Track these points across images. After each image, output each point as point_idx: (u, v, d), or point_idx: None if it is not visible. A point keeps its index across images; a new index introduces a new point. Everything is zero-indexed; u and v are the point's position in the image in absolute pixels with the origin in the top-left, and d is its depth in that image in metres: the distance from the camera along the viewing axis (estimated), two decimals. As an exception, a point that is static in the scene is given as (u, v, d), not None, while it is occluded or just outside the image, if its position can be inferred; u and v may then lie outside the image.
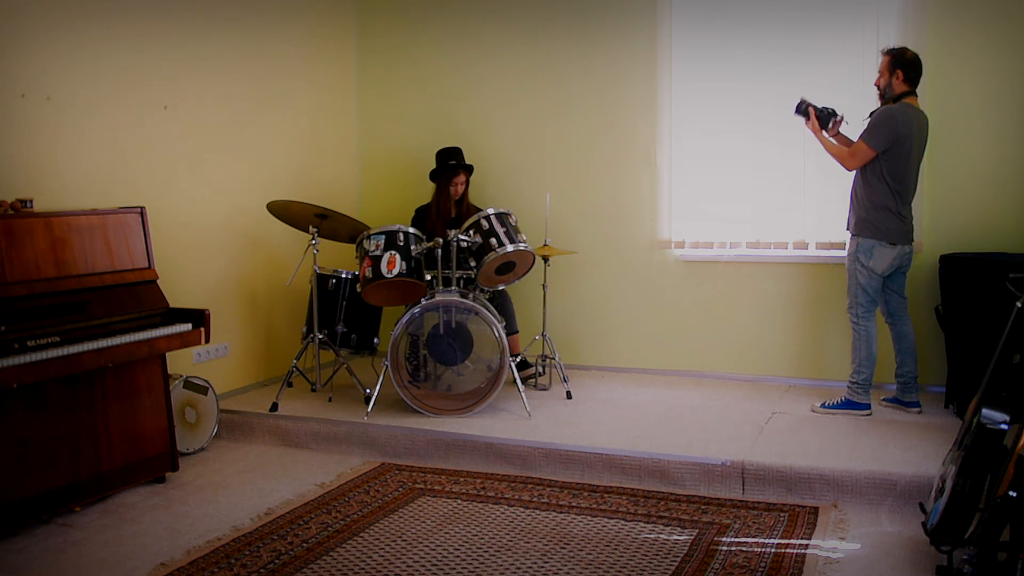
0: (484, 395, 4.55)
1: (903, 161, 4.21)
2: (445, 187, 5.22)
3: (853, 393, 4.44)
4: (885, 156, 4.20)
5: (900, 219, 4.27)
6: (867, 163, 4.23)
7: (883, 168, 4.22)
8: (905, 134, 4.17)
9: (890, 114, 4.19)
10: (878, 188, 4.25)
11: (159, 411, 4.03)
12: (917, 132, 4.24)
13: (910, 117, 4.20)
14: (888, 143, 4.17)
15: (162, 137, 4.56)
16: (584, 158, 5.55)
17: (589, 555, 3.23)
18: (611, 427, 4.37)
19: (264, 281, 5.29)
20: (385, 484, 4.01)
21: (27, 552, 3.30)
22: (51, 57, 3.97)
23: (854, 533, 3.39)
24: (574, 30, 5.52)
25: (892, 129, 4.16)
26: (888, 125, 4.17)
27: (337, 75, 5.97)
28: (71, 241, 3.65)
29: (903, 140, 4.17)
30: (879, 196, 4.25)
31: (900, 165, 4.21)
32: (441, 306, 4.55)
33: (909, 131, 4.19)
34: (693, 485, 3.88)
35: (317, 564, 3.19)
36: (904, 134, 4.17)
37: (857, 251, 4.33)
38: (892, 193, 4.23)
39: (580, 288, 5.62)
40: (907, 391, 4.50)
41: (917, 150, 4.27)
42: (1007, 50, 4.64)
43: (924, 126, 4.30)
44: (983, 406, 2.95)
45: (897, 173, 4.22)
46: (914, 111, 4.24)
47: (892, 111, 4.20)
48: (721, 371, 5.37)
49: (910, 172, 4.26)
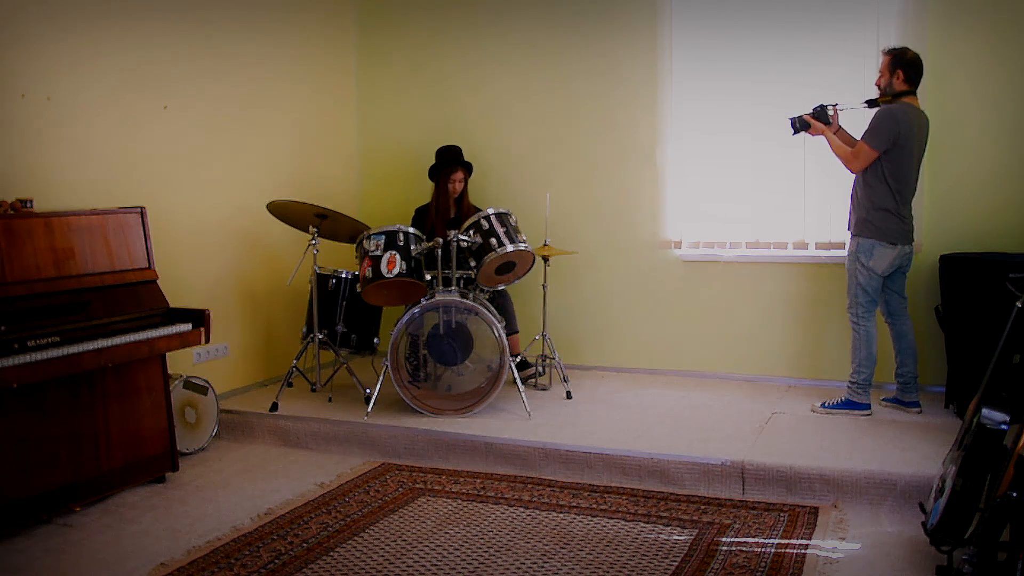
0: (484, 395, 4.55)
1: (904, 161, 4.21)
2: (444, 185, 5.22)
3: (853, 393, 4.44)
4: (886, 156, 4.19)
5: (900, 219, 4.27)
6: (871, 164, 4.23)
7: (884, 168, 4.21)
8: (906, 133, 4.17)
9: (890, 114, 4.19)
10: (878, 189, 4.24)
11: (159, 411, 4.03)
12: (917, 132, 4.23)
13: (910, 116, 4.20)
14: (889, 143, 4.16)
15: (162, 137, 4.56)
16: (584, 158, 5.55)
17: (589, 555, 3.22)
18: (611, 427, 4.37)
19: (264, 281, 5.29)
20: (385, 484, 4.01)
21: (27, 552, 3.30)
22: (51, 57, 3.97)
23: (854, 533, 3.39)
24: (575, 30, 5.52)
25: (893, 129, 4.15)
26: (888, 125, 4.16)
27: (337, 75, 5.97)
28: (71, 241, 3.65)
29: (904, 140, 4.17)
30: (879, 197, 4.24)
31: (901, 165, 4.21)
32: (441, 306, 4.55)
33: (910, 130, 4.18)
34: (693, 485, 3.87)
35: (317, 564, 3.19)
36: (905, 133, 4.17)
37: (857, 251, 4.32)
38: (892, 193, 4.23)
39: (580, 288, 5.62)
40: (907, 391, 4.50)
41: (918, 150, 4.27)
42: (1007, 50, 4.64)
43: (924, 126, 4.29)
44: (983, 406, 2.95)
45: (898, 173, 4.21)
46: (914, 111, 4.23)
47: (892, 111, 4.20)
48: (721, 371, 5.37)
49: (911, 172, 4.26)
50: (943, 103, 4.74)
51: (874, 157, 4.20)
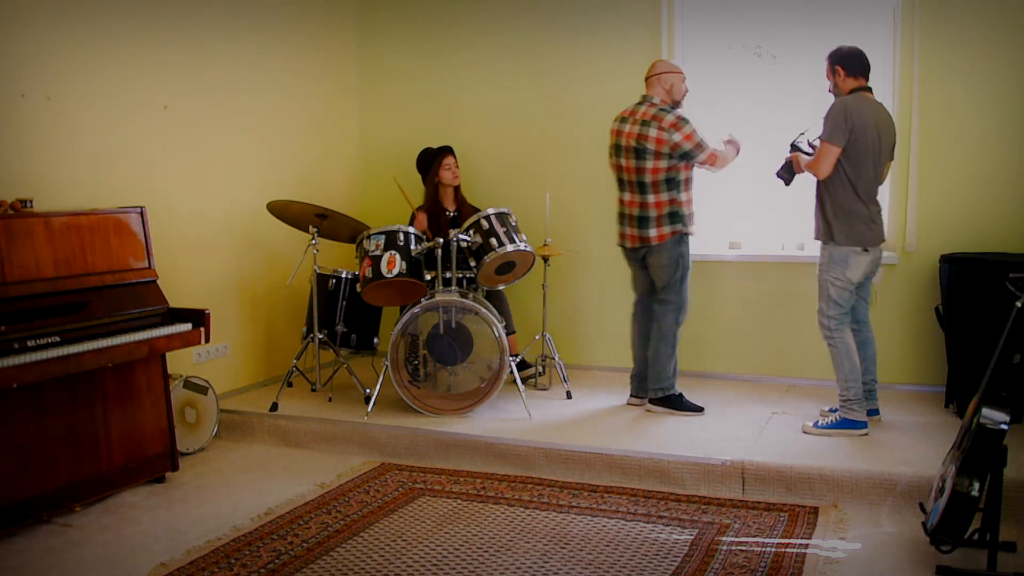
0: (484, 395, 4.55)
1: (861, 155, 4.01)
2: (439, 176, 5.21)
3: (847, 411, 4.16)
4: (844, 155, 4.01)
5: (871, 222, 4.07)
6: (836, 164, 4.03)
7: (843, 168, 4.03)
8: (860, 124, 3.98)
9: (841, 105, 4.02)
10: (843, 191, 4.05)
11: (159, 411, 4.03)
12: (874, 124, 4.03)
13: (864, 107, 4.02)
14: (847, 135, 3.98)
15: (162, 137, 4.56)
16: (584, 158, 5.55)
17: (589, 555, 3.22)
18: (611, 427, 4.37)
19: (264, 281, 5.29)
20: (385, 484, 4.01)
21: (27, 552, 3.30)
22: (51, 57, 3.97)
23: (854, 533, 3.39)
24: (575, 31, 5.52)
25: (847, 119, 3.97)
26: (842, 116, 3.99)
27: (338, 75, 5.96)
28: (71, 241, 3.65)
29: (859, 132, 3.99)
30: (846, 200, 4.05)
31: (859, 162, 4.01)
32: (441, 306, 4.55)
33: (864, 121, 3.99)
34: (693, 485, 3.87)
35: (317, 564, 3.19)
36: (859, 124, 3.98)
37: (831, 261, 4.11)
38: (858, 194, 4.04)
39: (580, 288, 5.62)
40: (869, 399, 4.32)
41: (876, 143, 4.05)
42: (1002, 48, 4.64)
43: (884, 119, 4.11)
44: (983, 406, 2.95)
45: (858, 170, 4.02)
46: (868, 102, 4.06)
47: (843, 102, 4.03)
48: (721, 371, 5.37)
49: (871, 167, 4.05)
50: (941, 103, 4.74)
51: (837, 153, 4.00)
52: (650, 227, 4.47)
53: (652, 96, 4.48)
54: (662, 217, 4.45)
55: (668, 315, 4.53)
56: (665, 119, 4.36)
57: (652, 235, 4.47)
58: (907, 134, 4.81)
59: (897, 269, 4.96)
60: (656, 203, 4.45)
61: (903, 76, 4.80)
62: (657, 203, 4.45)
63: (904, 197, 4.89)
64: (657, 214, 4.46)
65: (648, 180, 4.43)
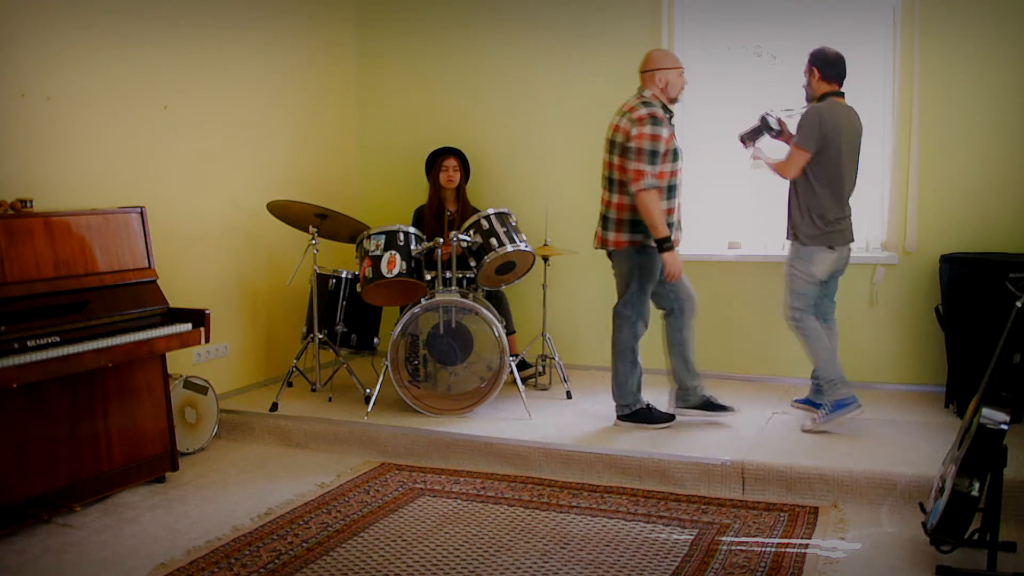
0: (484, 395, 4.55)
1: (833, 161, 4.08)
2: (437, 176, 5.22)
3: (833, 392, 4.18)
4: (815, 159, 4.08)
5: (837, 223, 4.13)
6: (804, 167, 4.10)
7: (815, 172, 4.10)
8: (832, 131, 4.05)
9: (815, 112, 4.09)
10: (812, 194, 4.12)
11: (159, 411, 4.03)
12: (847, 130, 4.10)
13: (837, 114, 4.08)
14: (818, 142, 4.05)
15: (162, 137, 4.56)
16: (584, 158, 5.54)
17: (589, 555, 3.23)
18: (611, 427, 4.37)
19: (264, 281, 5.29)
20: (385, 484, 4.01)
21: (27, 552, 3.30)
22: (51, 57, 3.97)
23: (854, 533, 3.39)
24: (575, 31, 5.52)
25: (819, 127, 4.04)
26: (814, 123, 4.05)
27: (337, 75, 5.96)
28: (71, 241, 3.65)
29: (830, 138, 4.05)
30: (815, 202, 4.12)
31: (830, 166, 4.08)
32: (441, 306, 4.55)
33: (836, 127, 4.06)
34: (693, 485, 3.88)
35: (317, 564, 3.19)
36: (831, 131, 4.04)
37: (796, 257, 4.21)
38: (826, 197, 4.10)
39: (580, 288, 5.62)
40: (821, 393, 4.35)
41: (848, 148, 4.12)
42: (1002, 48, 4.64)
43: (855, 124, 4.16)
44: (983, 406, 2.95)
45: (829, 175, 4.09)
46: (841, 108, 4.12)
47: (818, 109, 4.10)
48: (721, 371, 5.36)
49: (842, 172, 4.12)
50: (941, 103, 4.74)
51: (806, 158, 4.07)
52: (609, 229, 4.24)
53: (645, 89, 4.25)
54: (622, 221, 4.19)
55: (624, 329, 4.32)
56: (638, 111, 4.10)
57: (610, 238, 4.24)
58: (907, 134, 4.81)
59: (897, 269, 4.96)
60: (618, 204, 4.19)
61: (903, 76, 4.80)
62: (619, 204, 4.19)
63: (904, 197, 4.89)
64: (617, 216, 4.20)
65: (615, 177, 4.18)
